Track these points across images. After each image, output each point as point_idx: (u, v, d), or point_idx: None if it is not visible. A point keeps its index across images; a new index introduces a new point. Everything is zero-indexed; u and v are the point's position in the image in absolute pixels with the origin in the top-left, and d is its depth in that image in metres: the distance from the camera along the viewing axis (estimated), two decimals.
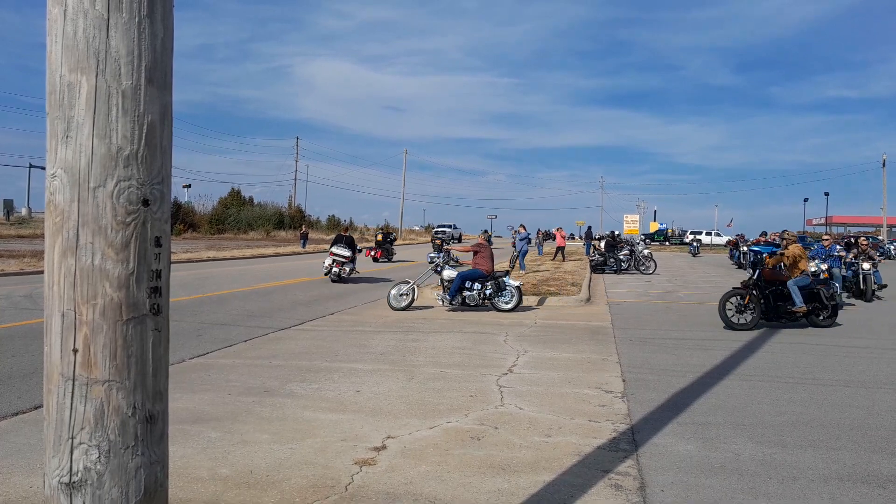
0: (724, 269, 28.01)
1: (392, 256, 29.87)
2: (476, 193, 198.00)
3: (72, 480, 1.83)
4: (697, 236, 56.98)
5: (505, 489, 3.97)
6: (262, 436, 4.90)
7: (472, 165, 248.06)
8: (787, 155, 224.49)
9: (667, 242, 65.31)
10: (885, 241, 43.81)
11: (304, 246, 39.21)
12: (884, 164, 60.73)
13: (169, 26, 1.93)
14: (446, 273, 12.74)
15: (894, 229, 65.23)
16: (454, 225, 65.90)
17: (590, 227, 38.54)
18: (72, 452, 1.83)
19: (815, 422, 5.55)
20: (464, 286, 12.35)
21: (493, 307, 12.38)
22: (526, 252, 23.41)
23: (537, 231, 41.49)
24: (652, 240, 60.04)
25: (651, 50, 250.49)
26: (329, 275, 17.62)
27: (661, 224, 73.85)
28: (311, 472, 4.20)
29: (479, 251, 12.84)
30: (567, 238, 38.06)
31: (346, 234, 18.83)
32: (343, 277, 17.62)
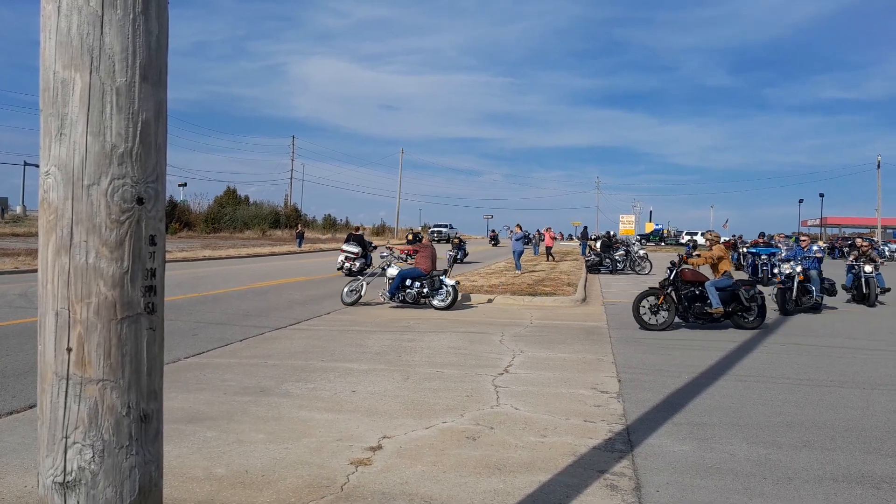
0: None
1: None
2: (472, 193, 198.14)
3: (66, 480, 1.82)
4: (693, 237, 56.98)
5: (500, 489, 3.96)
6: (258, 435, 4.89)
7: (469, 165, 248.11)
8: (782, 156, 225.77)
9: (662, 243, 65.35)
10: (879, 243, 43.90)
11: (299, 245, 39.17)
12: (878, 166, 61.09)
13: (164, 23, 1.92)
14: (389, 271, 13.43)
15: (888, 231, 65.41)
16: (450, 225, 64.00)
17: (585, 228, 38.71)
18: (66, 452, 1.82)
19: (810, 422, 5.56)
20: (404, 284, 12.94)
21: (430, 305, 12.84)
22: (521, 252, 23.41)
23: (536, 231, 41.54)
24: (648, 240, 60.10)
25: (647, 50, 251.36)
26: (341, 270, 19.54)
27: (657, 224, 74.02)
28: (306, 471, 4.19)
29: (420, 251, 13.59)
30: (562, 238, 38.13)
31: (357, 232, 21.24)
32: (353, 272, 18.86)
